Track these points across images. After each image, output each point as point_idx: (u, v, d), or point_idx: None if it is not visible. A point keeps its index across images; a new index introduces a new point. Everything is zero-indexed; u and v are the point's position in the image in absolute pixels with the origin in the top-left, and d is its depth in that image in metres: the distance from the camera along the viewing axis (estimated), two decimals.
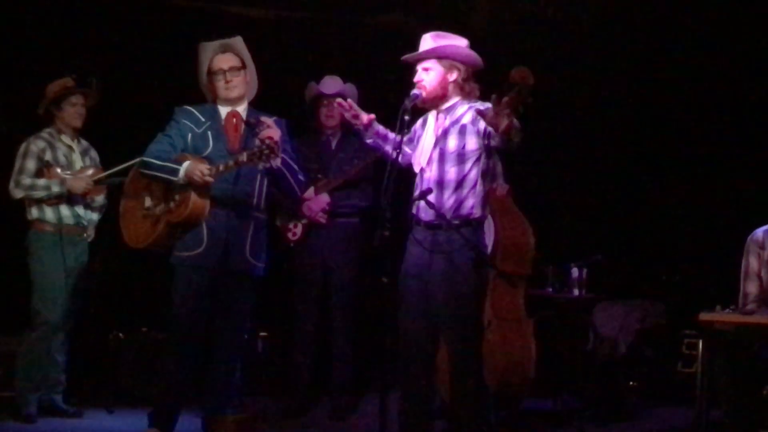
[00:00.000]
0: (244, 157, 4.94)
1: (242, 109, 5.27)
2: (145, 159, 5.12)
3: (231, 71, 5.21)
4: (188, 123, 5.18)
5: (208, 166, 4.99)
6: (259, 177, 5.19)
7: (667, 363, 6.72)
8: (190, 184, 4.98)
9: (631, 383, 6.74)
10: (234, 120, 5.22)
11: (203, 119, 5.20)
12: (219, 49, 5.25)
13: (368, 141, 4.85)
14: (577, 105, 7.29)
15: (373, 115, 4.79)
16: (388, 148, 4.80)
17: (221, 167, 4.99)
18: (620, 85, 7.26)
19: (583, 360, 6.54)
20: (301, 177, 5.30)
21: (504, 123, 4.33)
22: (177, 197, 5.03)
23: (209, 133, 5.17)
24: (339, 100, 4.84)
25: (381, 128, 4.82)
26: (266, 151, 4.84)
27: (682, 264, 7.08)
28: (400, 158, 4.61)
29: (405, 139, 4.65)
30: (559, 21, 7.16)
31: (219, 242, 5.10)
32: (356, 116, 4.77)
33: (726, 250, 5.89)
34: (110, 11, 7.05)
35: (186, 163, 5.01)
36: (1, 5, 6.79)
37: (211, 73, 5.24)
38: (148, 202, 5.16)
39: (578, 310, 6.31)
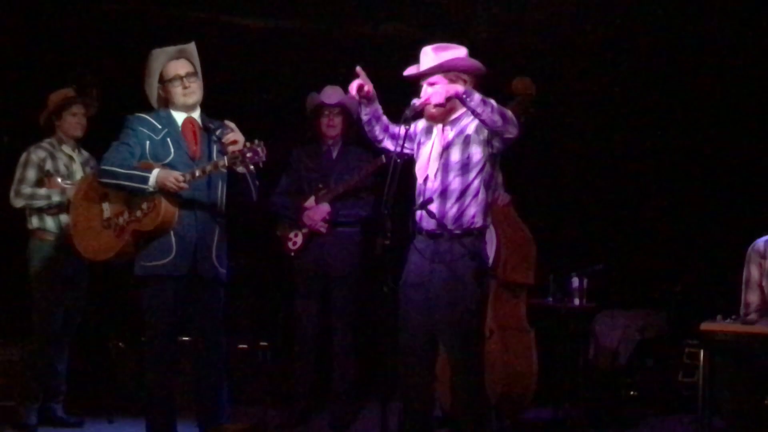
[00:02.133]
0: (225, 161, 4.86)
1: (197, 115, 5.14)
2: (107, 168, 4.95)
3: (188, 77, 5.07)
4: (145, 130, 5.02)
5: (182, 173, 4.89)
6: (221, 182, 5.10)
7: (668, 373, 6.73)
8: (160, 191, 4.89)
9: (631, 393, 6.73)
10: (191, 126, 5.09)
11: (160, 126, 5.05)
12: (174, 55, 5.09)
13: (364, 116, 4.77)
14: (578, 114, 7.27)
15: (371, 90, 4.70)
16: (377, 129, 4.77)
17: (197, 173, 4.89)
18: (622, 95, 7.25)
19: (584, 370, 6.52)
20: (257, 182, 5.20)
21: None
22: (144, 205, 4.92)
23: (168, 140, 5.03)
24: (358, 68, 4.70)
25: (380, 109, 4.77)
26: (249, 155, 4.79)
27: (683, 274, 7.04)
28: (400, 149, 4.59)
29: (404, 133, 4.61)
30: (559, 29, 7.15)
31: (188, 249, 4.98)
32: (361, 86, 4.67)
33: (727, 259, 5.89)
34: (111, 22, 7.05)
35: (156, 171, 4.90)
36: (1, 17, 6.79)
37: (165, 80, 5.08)
38: (107, 212, 5.03)
39: (579, 319, 6.28)
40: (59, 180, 5.92)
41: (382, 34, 7.39)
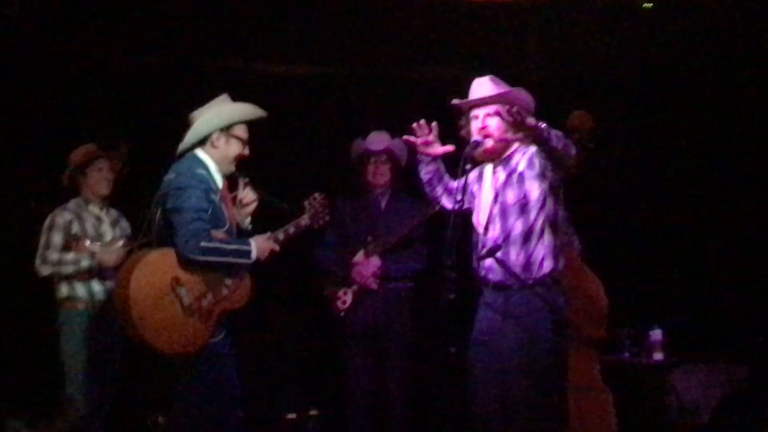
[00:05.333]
0: (306, 219, 4.78)
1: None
2: (210, 245, 4.44)
3: (246, 146, 4.76)
4: (211, 193, 4.58)
5: (269, 239, 4.65)
6: None
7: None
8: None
9: None
10: (225, 189, 4.74)
11: (212, 186, 4.62)
12: (253, 116, 4.77)
13: (425, 175, 4.54)
14: (647, 153, 6.92)
15: (451, 148, 4.47)
16: (439, 190, 4.55)
17: (281, 236, 4.69)
18: (691, 127, 6.87)
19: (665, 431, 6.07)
20: None
21: None
22: (228, 281, 4.55)
23: (222, 204, 4.65)
24: (422, 122, 4.47)
25: (442, 166, 4.54)
26: (320, 208, 4.78)
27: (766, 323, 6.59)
28: (459, 205, 4.30)
29: (459, 187, 4.34)
30: (611, 65, 6.88)
31: (233, 323, 4.68)
32: (428, 144, 4.43)
33: None
34: (137, 74, 6.80)
35: (254, 242, 4.58)
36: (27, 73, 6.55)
37: (235, 135, 4.69)
38: (187, 298, 4.49)
39: (659, 375, 5.85)
40: (88, 243, 5.62)
41: (427, 77, 7.12)
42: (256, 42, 6.74)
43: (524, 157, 4.38)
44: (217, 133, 4.67)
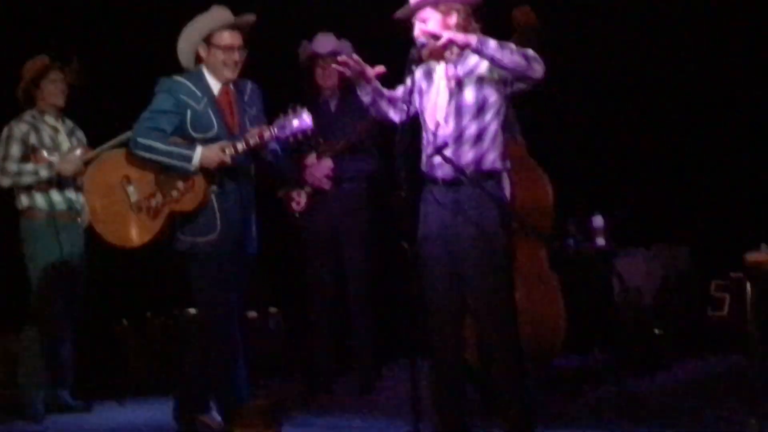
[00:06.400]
0: (272, 131, 4.67)
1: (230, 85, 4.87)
2: (143, 141, 4.66)
3: (240, 51, 4.80)
4: (186, 98, 4.71)
5: (225, 148, 4.65)
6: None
7: (695, 309, 6.53)
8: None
9: (657, 331, 6.50)
10: (227, 96, 4.81)
11: (199, 93, 4.74)
12: (235, 23, 4.79)
13: (366, 98, 4.46)
14: (592, 50, 6.93)
15: (381, 68, 4.38)
16: (384, 105, 4.47)
17: (240, 146, 4.66)
18: (638, 28, 6.89)
19: (610, 312, 6.28)
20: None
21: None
22: (180, 185, 4.69)
23: (209, 110, 4.75)
24: (341, 58, 4.39)
25: (378, 84, 4.45)
26: (295, 122, 4.70)
27: (704, 207, 6.78)
28: (408, 112, 4.28)
29: (407, 92, 4.31)
30: None
31: (234, 225, 4.76)
32: (362, 72, 4.36)
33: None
34: None
35: (199, 149, 4.64)
36: None
37: (215, 44, 4.75)
38: (135, 195, 4.74)
39: (602, 260, 6.03)
40: (45, 153, 5.66)
41: None
42: None
43: (484, 60, 4.29)
44: (200, 46, 4.78)
